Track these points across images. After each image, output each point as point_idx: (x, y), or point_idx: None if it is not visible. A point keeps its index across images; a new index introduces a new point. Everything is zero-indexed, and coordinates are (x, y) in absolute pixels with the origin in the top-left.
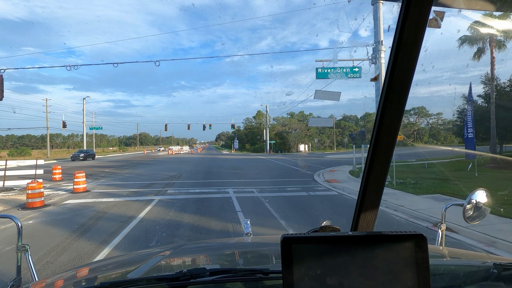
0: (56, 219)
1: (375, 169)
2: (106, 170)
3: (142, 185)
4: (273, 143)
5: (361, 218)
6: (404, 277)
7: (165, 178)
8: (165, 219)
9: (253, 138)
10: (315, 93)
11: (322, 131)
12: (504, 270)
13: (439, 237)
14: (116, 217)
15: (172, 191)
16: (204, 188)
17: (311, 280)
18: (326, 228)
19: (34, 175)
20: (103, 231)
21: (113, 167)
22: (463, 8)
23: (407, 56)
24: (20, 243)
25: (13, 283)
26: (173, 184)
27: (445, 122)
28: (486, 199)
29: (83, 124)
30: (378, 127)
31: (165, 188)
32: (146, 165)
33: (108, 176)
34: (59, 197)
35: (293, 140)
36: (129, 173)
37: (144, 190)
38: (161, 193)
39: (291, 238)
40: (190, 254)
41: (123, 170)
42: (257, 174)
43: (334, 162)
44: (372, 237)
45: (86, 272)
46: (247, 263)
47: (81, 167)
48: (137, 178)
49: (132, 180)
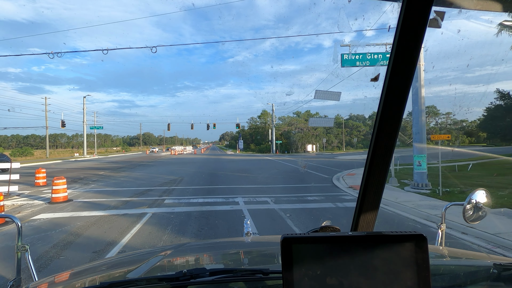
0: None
1: (375, 169)
2: (101, 173)
3: (137, 192)
4: (279, 143)
5: (361, 218)
6: (404, 277)
7: (164, 183)
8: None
9: (258, 138)
10: (315, 93)
11: (329, 131)
12: (504, 270)
13: (439, 237)
14: (91, 242)
15: (170, 201)
16: (208, 197)
17: (311, 280)
18: (326, 228)
19: (8, 181)
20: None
21: (110, 169)
22: (463, 8)
23: (407, 56)
24: (20, 243)
25: (13, 283)
26: (172, 192)
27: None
28: (486, 199)
29: (83, 124)
30: (378, 127)
31: (162, 197)
32: (145, 167)
33: (100, 181)
34: (31, 210)
35: (300, 140)
36: (125, 176)
37: (137, 199)
38: (156, 203)
39: (291, 238)
40: (190, 254)
41: (119, 172)
42: (267, 178)
43: (348, 164)
44: (372, 237)
45: (86, 272)
46: (247, 263)
47: (75, 169)
48: (133, 183)
49: (127, 185)
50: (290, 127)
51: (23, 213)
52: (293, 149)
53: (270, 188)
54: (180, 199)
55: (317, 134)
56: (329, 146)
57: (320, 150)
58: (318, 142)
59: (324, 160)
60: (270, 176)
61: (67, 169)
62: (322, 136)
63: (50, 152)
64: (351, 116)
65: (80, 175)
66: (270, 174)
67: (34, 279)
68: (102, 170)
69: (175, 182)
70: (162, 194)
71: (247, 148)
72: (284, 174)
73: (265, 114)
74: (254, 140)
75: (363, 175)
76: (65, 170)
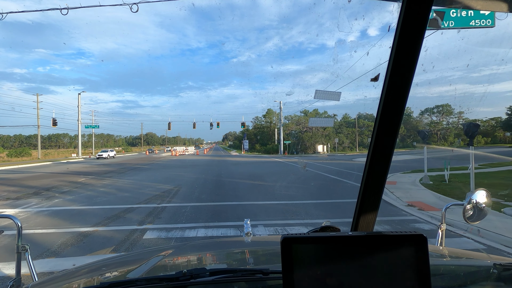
0: None
1: (375, 169)
2: (80, 180)
3: (110, 214)
4: (288, 144)
5: (361, 218)
6: (404, 277)
7: (153, 198)
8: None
9: (263, 138)
10: (316, 93)
11: (338, 130)
12: (504, 270)
13: (439, 237)
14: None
15: (153, 235)
16: (213, 225)
17: (311, 280)
18: (326, 229)
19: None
20: None
21: (95, 175)
22: (463, 8)
23: (407, 56)
24: (20, 243)
25: (13, 283)
26: (161, 213)
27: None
28: (486, 199)
29: (78, 122)
30: (378, 127)
31: (143, 225)
32: (138, 172)
33: (71, 192)
34: None
35: (309, 141)
36: (107, 185)
37: (104, 229)
38: (131, 240)
39: (291, 238)
40: (190, 254)
41: (103, 179)
42: (287, 188)
43: None
44: (372, 238)
45: (86, 272)
46: (247, 263)
47: (55, 174)
48: (112, 197)
49: (102, 201)
50: (298, 126)
51: None
52: (302, 150)
53: (298, 205)
54: (170, 229)
55: (327, 133)
56: (340, 146)
57: (331, 151)
58: (328, 142)
59: (343, 163)
60: (289, 185)
61: (45, 174)
62: (332, 136)
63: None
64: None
65: (54, 182)
66: (289, 182)
67: (34, 279)
68: (86, 175)
69: (169, 195)
70: (145, 218)
71: (252, 148)
72: (306, 182)
73: (271, 113)
74: (259, 140)
75: (363, 175)
76: (41, 176)
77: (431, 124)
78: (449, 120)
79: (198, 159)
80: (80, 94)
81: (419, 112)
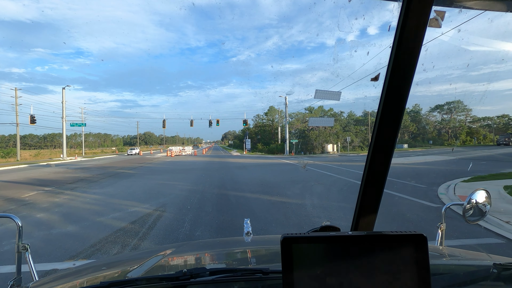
0: None
1: (375, 169)
2: (24, 197)
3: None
4: (295, 143)
5: (361, 218)
6: (404, 277)
7: (115, 236)
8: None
9: (266, 137)
10: (316, 93)
11: (347, 129)
12: (504, 270)
13: (439, 237)
14: None
15: None
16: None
17: (311, 279)
18: (326, 228)
19: None
20: None
21: (55, 185)
22: (464, 7)
23: (407, 56)
24: (20, 242)
25: (13, 283)
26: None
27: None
28: (485, 199)
29: (62, 120)
30: (378, 127)
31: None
32: (116, 180)
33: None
34: None
35: (317, 140)
36: (62, 204)
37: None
38: None
39: (291, 238)
40: (190, 253)
41: (58, 195)
42: (327, 209)
43: (411, 171)
44: (372, 237)
45: (86, 271)
46: (247, 263)
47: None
48: (52, 231)
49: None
50: (304, 124)
51: None
52: (309, 149)
53: None
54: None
55: (335, 132)
56: (349, 145)
57: (341, 150)
58: (337, 141)
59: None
60: (327, 203)
61: None
62: (340, 134)
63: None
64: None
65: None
66: (321, 197)
67: (34, 278)
68: (44, 186)
69: (141, 229)
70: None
71: (254, 148)
72: (340, 193)
73: (273, 111)
74: (261, 139)
75: (363, 175)
76: None
77: (442, 122)
78: (458, 118)
79: (195, 160)
80: (64, 89)
81: (429, 109)
